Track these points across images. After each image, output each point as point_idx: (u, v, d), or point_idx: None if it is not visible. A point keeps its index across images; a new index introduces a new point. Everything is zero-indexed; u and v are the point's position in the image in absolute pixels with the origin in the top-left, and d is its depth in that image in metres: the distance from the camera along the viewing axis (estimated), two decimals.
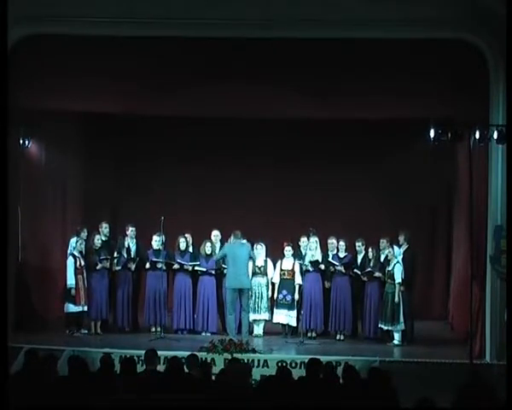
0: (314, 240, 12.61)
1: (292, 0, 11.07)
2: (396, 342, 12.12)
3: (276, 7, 11.01)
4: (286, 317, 12.55)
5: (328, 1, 11.03)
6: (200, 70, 11.55)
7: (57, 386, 6.82)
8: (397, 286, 12.08)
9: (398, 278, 12.09)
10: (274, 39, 11.19)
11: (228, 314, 12.21)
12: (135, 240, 12.94)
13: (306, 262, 12.44)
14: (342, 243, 12.70)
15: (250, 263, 12.39)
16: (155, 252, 12.72)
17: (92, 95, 12.08)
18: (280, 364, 10.34)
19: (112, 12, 11.07)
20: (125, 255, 12.78)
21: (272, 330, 12.75)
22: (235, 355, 10.31)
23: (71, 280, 12.33)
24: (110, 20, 11.13)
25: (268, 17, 11.06)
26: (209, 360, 10.57)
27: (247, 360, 10.32)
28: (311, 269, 12.48)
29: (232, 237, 12.26)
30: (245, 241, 12.37)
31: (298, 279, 12.52)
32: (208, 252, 12.80)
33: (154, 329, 12.68)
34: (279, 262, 12.69)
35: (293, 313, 12.51)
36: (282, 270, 12.65)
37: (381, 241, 12.54)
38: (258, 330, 12.66)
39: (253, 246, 12.52)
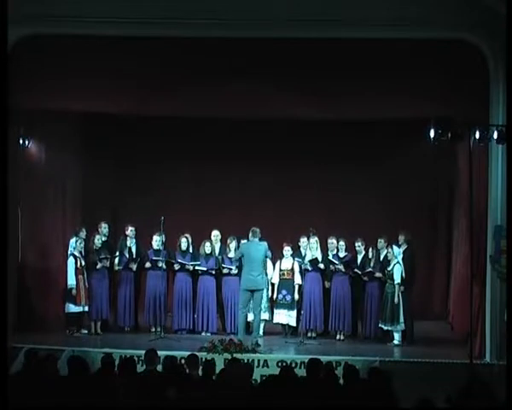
0: (314, 240, 12.62)
1: (292, 0, 11.08)
2: (396, 342, 12.12)
3: (276, 7, 11.01)
4: (286, 317, 12.54)
5: (328, 1, 11.04)
6: (201, 70, 11.53)
7: (57, 386, 6.82)
8: (396, 286, 12.09)
9: (398, 278, 12.09)
10: (274, 39, 11.19)
11: (239, 314, 11.89)
12: (134, 240, 12.95)
13: (306, 262, 12.45)
14: (342, 243, 12.70)
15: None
16: (155, 252, 12.73)
17: (92, 95, 12.06)
18: (281, 364, 10.36)
19: (112, 12, 11.07)
20: (127, 255, 12.79)
21: (272, 330, 12.75)
22: (235, 355, 10.31)
23: (71, 280, 12.32)
24: (110, 20, 11.13)
25: (268, 17, 11.07)
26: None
27: (247, 360, 10.32)
28: (309, 268, 12.48)
29: (250, 235, 11.93)
30: (263, 241, 12.01)
31: (297, 279, 12.52)
32: (208, 252, 12.79)
33: (154, 329, 12.67)
34: (278, 262, 12.68)
35: (293, 313, 12.50)
36: (281, 270, 12.63)
37: (379, 240, 12.55)
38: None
39: None
